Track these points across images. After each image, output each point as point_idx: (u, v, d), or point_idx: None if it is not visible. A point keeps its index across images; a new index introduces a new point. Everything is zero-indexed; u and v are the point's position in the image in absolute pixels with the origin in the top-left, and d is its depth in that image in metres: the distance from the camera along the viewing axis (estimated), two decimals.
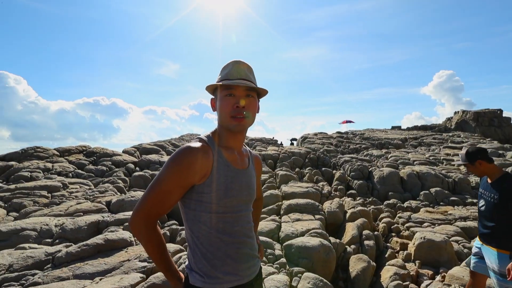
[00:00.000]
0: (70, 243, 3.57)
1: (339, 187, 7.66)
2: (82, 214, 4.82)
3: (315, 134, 18.31)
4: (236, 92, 1.02)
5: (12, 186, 6.66)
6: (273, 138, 17.74)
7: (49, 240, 3.77)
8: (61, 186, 7.00)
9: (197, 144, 0.98)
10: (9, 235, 3.65)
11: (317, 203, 5.52)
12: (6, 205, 5.74)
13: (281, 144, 16.39)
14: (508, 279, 1.87)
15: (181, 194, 0.98)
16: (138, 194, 5.69)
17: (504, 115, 24.31)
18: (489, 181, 2.28)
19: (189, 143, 0.98)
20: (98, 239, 3.37)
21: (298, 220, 4.68)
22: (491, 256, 2.14)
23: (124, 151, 11.64)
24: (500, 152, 11.76)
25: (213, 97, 1.12)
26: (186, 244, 1.10)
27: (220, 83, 1.03)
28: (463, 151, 2.35)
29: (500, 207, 2.10)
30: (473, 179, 7.98)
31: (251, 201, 1.12)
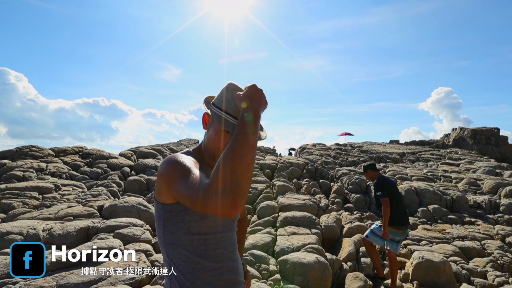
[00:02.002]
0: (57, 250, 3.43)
1: (336, 200, 7.57)
2: (72, 218, 4.68)
3: (314, 145, 18.29)
4: None
5: (2, 186, 6.51)
6: (274, 147, 17.65)
7: None
8: (53, 188, 6.85)
9: (182, 154, 0.94)
10: None
11: (314, 217, 5.42)
12: None
13: (280, 154, 16.33)
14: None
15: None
16: (132, 199, 5.55)
17: (501, 133, 24.50)
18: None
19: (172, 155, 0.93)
20: (86, 247, 3.25)
21: (294, 233, 4.57)
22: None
23: (121, 154, 11.52)
24: (498, 171, 11.76)
25: (207, 111, 1.01)
26: None
27: (224, 116, 0.93)
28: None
29: (375, 197, 3.56)
30: (471, 197, 7.93)
31: (235, 220, 1.05)
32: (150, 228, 4.47)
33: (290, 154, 18.50)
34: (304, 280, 3.18)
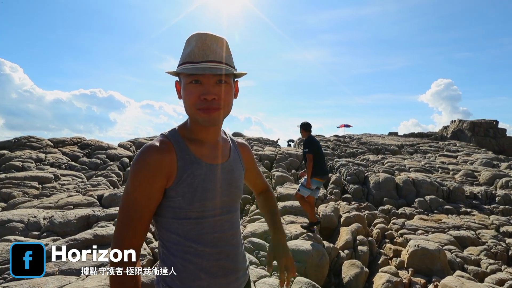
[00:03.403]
0: (58, 237, 3.48)
1: (334, 190, 7.64)
2: (72, 207, 4.72)
3: None
4: (204, 79, 0.80)
5: (2, 176, 6.52)
6: (278, 139, 17.54)
7: (36, 233, 3.67)
8: (53, 178, 6.88)
9: (156, 142, 0.83)
10: None
11: None
12: None
13: (278, 145, 16.36)
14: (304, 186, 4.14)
15: (154, 206, 0.82)
16: None
17: (499, 126, 24.57)
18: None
19: (148, 142, 0.84)
20: (87, 234, 3.29)
21: (292, 222, 4.63)
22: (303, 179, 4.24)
23: (120, 145, 11.52)
24: (495, 162, 11.85)
25: (177, 79, 0.89)
26: None
27: (180, 69, 0.81)
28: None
29: (303, 153, 4.20)
30: (468, 188, 8.02)
31: (235, 201, 0.94)
32: None
33: (289, 145, 18.53)
34: (302, 267, 3.24)
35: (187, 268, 0.84)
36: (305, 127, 4.32)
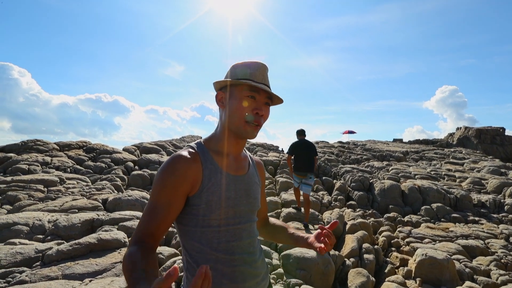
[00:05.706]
0: (62, 241, 3.48)
1: (339, 197, 7.55)
2: (77, 210, 4.73)
3: (317, 143, 18.23)
4: (258, 97, 0.92)
5: (8, 178, 6.58)
6: (281, 151, 17.40)
7: (41, 236, 3.67)
8: (58, 181, 6.92)
9: (184, 151, 0.90)
10: (0, 229, 3.55)
11: (316, 213, 5.42)
12: (0, 197, 5.64)
13: (282, 150, 16.31)
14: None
15: (175, 209, 0.87)
16: (136, 193, 5.59)
17: (506, 133, 24.24)
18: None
19: (176, 152, 0.91)
20: (91, 238, 3.28)
21: (297, 229, 4.57)
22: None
23: (124, 149, 11.58)
24: (502, 170, 11.65)
25: (220, 91, 0.97)
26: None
27: (246, 81, 0.91)
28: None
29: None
30: (475, 196, 7.87)
31: (253, 211, 1.00)
32: None
33: None
34: (307, 275, 3.19)
35: (211, 275, 0.86)
36: (297, 133, 5.24)
